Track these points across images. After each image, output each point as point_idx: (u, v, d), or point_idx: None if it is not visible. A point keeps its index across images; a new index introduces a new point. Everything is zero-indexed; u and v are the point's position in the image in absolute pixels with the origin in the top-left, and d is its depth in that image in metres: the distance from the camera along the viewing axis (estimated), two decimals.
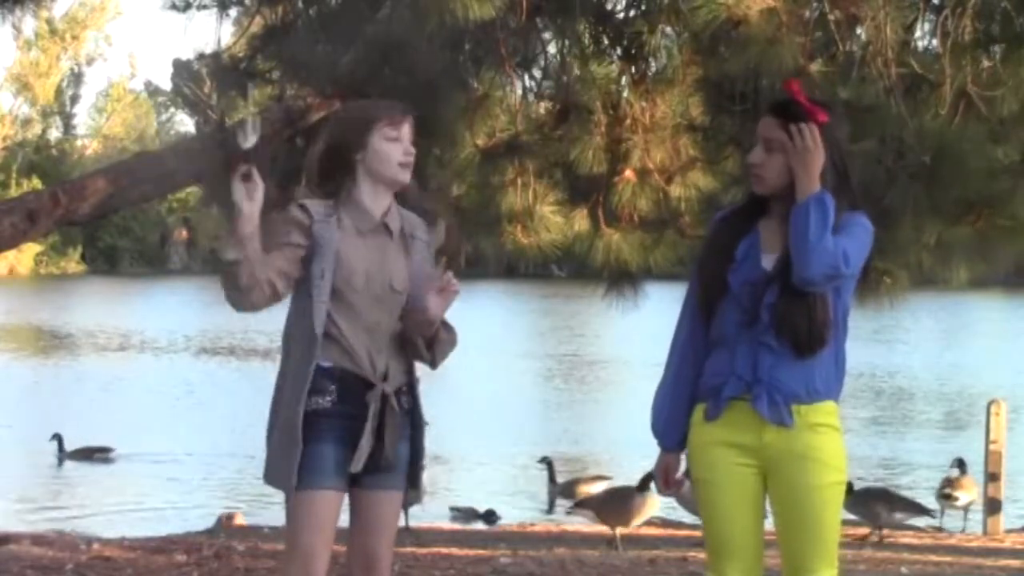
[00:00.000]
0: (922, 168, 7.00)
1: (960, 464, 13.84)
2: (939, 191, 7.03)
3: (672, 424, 4.44)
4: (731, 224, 4.41)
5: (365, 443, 4.49)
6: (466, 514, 14.12)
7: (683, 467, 4.51)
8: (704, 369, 4.38)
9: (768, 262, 4.30)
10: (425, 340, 4.60)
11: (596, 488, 15.86)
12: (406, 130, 4.59)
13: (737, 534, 4.34)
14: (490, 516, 13.98)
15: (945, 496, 13.52)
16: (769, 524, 4.45)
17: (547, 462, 15.87)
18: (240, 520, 12.72)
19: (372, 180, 4.55)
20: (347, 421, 4.50)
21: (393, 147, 4.55)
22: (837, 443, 4.34)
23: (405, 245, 4.61)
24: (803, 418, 4.28)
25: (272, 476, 4.55)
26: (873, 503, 11.89)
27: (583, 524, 13.80)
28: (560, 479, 15.94)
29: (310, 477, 4.46)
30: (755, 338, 4.26)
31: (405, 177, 4.57)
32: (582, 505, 12.01)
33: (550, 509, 15.68)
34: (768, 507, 4.43)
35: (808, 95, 4.37)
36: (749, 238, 4.33)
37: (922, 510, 12.48)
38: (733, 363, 4.29)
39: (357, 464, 4.49)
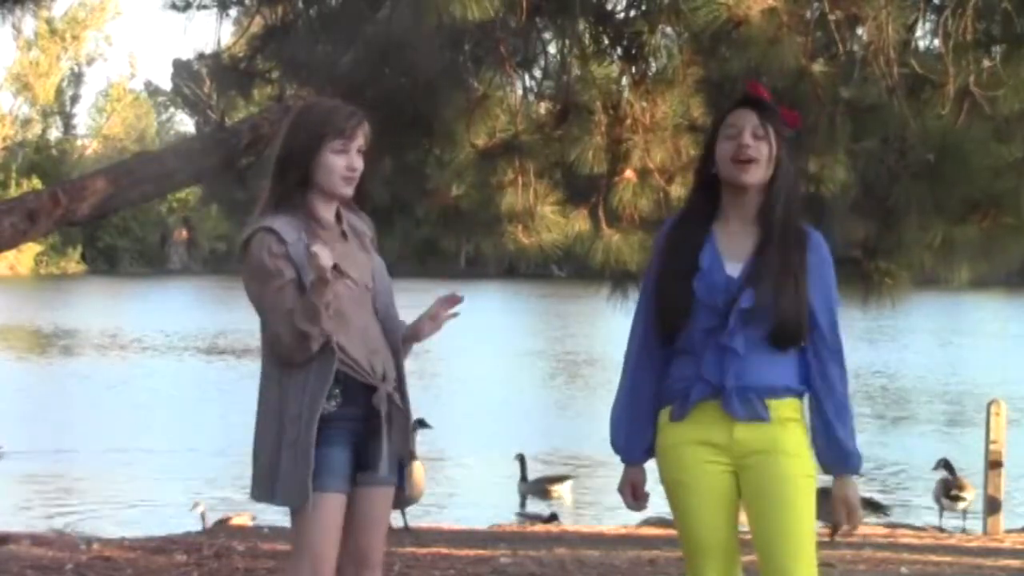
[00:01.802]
0: (925, 167, 7.00)
1: (947, 465, 13.85)
2: (943, 190, 7.03)
3: (633, 437, 4.41)
4: (682, 236, 4.37)
5: (385, 445, 4.53)
6: (532, 520, 14.17)
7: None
8: (668, 374, 4.35)
9: (734, 269, 4.28)
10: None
11: (563, 487, 16.03)
12: (356, 142, 4.57)
13: (712, 533, 4.32)
14: (553, 518, 14.03)
15: (953, 498, 13.51)
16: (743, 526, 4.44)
17: (520, 458, 15.93)
18: (239, 520, 12.67)
19: (320, 191, 4.57)
20: (352, 423, 4.52)
21: (338, 159, 4.54)
22: (805, 437, 4.34)
23: (361, 243, 4.65)
24: (775, 412, 4.28)
25: (279, 493, 4.51)
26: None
27: (583, 524, 13.80)
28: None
29: (320, 480, 4.46)
30: (721, 343, 4.25)
31: (345, 191, 4.58)
32: None
33: (522, 506, 15.74)
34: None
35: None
36: (708, 245, 4.31)
37: (876, 506, 12.53)
38: (700, 368, 4.28)
39: (381, 467, 4.53)
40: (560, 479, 16.19)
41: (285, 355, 4.46)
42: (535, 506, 15.63)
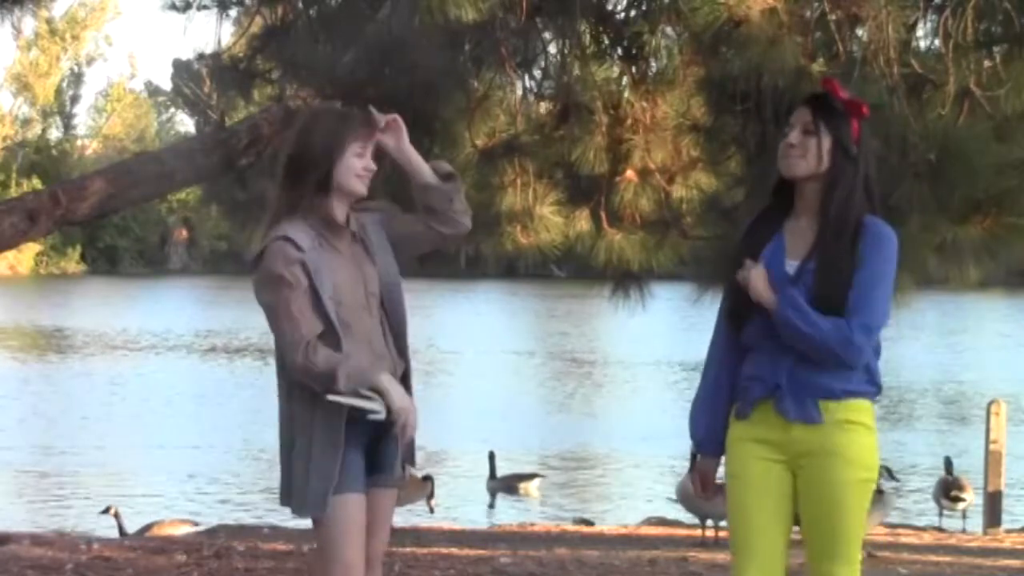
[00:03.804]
0: (928, 167, 6.99)
1: (947, 465, 13.85)
2: (945, 190, 7.01)
3: (711, 432, 4.47)
4: (756, 230, 4.44)
5: (400, 447, 4.59)
6: (579, 523, 14.28)
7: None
8: (740, 371, 4.40)
9: (792, 267, 4.32)
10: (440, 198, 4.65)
11: (532, 484, 16.14)
12: (371, 145, 4.64)
13: (757, 532, 4.34)
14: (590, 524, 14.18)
15: (953, 499, 13.51)
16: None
17: (490, 456, 16.01)
18: (170, 529, 12.51)
19: (338, 192, 4.60)
20: (365, 426, 4.54)
21: (357, 161, 4.59)
22: (867, 441, 4.35)
23: (365, 247, 4.66)
24: (831, 415, 4.30)
25: (294, 502, 4.56)
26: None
27: (582, 524, 13.80)
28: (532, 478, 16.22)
29: (343, 483, 4.50)
30: (777, 341, 4.28)
31: (362, 189, 4.61)
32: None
33: (491, 504, 15.78)
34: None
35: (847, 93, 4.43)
36: (774, 242, 4.37)
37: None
38: (757, 366, 4.33)
39: (395, 470, 4.61)
40: (529, 476, 16.32)
41: (288, 367, 4.49)
42: (504, 502, 15.75)
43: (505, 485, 16.03)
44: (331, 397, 4.42)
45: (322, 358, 4.43)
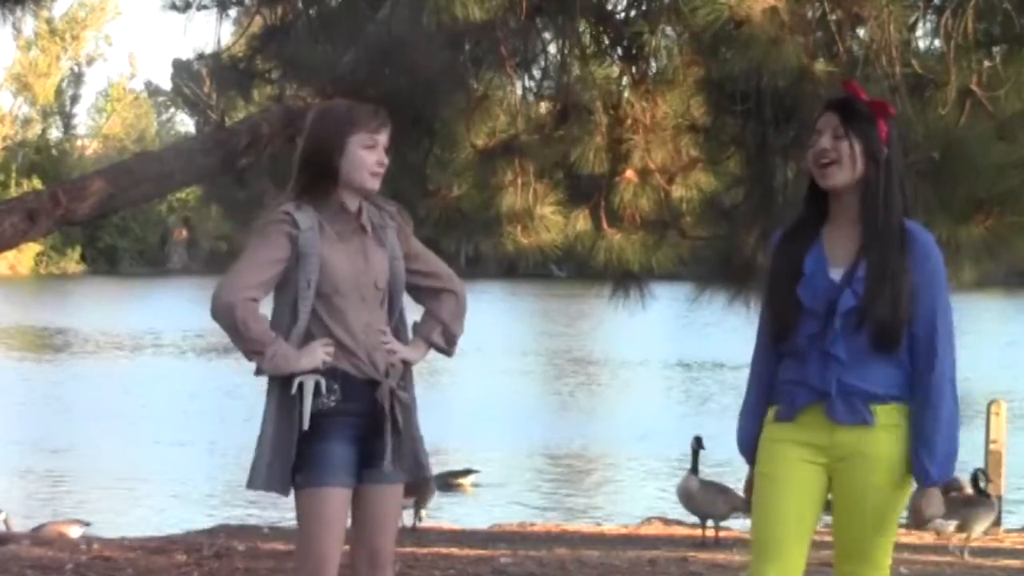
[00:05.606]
0: (930, 166, 6.99)
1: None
2: (947, 189, 7.01)
3: (756, 440, 4.43)
4: (792, 242, 4.38)
5: (388, 439, 4.57)
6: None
7: None
8: (778, 374, 4.38)
9: (836, 273, 4.28)
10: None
11: (468, 480, 16.19)
12: (382, 139, 4.63)
13: (784, 533, 4.30)
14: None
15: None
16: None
17: None
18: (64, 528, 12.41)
19: (346, 184, 4.60)
20: (354, 419, 4.56)
21: (368, 154, 4.59)
22: (906, 444, 4.32)
23: (379, 239, 4.67)
24: (877, 418, 4.28)
25: (265, 481, 4.59)
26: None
27: (583, 524, 13.79)
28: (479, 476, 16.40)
29: (320, 475, 4.52)
30: (824, 348, 4.26)
31: (374, 185, 4.63)
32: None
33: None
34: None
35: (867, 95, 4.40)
36: (814, 251, 4.32)
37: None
38: (804, 372, 4.29)
39: (388, 464, 4.58)
40: (464, 473, 16.36)
41: (212, 299, 4.65)
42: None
43: (439, 483, 16.07)
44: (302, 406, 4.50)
45: (255, 324, 4.57)
